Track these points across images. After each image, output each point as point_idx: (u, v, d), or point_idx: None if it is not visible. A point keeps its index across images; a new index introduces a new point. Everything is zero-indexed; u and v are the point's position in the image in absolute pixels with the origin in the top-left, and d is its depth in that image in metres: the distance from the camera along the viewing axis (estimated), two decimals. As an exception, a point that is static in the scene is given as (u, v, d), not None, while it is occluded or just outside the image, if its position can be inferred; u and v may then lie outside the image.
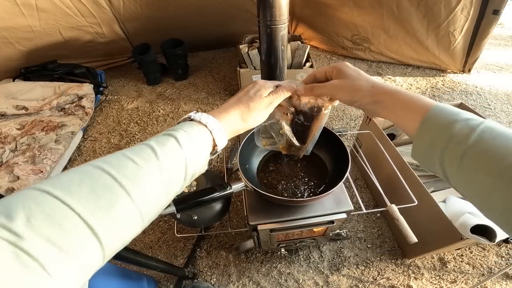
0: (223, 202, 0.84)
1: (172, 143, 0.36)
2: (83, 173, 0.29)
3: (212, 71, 2.50)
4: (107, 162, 0.31)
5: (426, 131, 0.35)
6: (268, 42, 0.90)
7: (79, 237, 0.25)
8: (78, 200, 0.26)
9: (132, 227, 0.30)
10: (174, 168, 0.35)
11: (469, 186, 0.32)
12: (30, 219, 0.23)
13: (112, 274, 0.87)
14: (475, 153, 0.30)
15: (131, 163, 0.31)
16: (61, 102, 1.90)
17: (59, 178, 0.28)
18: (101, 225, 0.26)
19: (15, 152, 1.56)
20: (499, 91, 2.15)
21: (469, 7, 1.90)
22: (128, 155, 0.32)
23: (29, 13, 1.86)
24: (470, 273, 1.16)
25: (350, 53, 2.53)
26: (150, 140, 0.36)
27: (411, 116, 0.37)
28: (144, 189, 0.31)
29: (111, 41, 2.30)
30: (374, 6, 2.15)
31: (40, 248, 0.22)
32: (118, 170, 0.30)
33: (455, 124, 0.32)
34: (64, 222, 0.24)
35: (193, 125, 0.40)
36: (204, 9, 2.33)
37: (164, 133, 0.38)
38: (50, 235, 0.23)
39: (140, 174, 0.31)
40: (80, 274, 0.25)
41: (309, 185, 0.82)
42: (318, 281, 1.16)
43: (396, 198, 0.88)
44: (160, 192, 0.33)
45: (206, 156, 0.41)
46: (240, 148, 0.81)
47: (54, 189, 0.26)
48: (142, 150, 0.34)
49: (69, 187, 0.27)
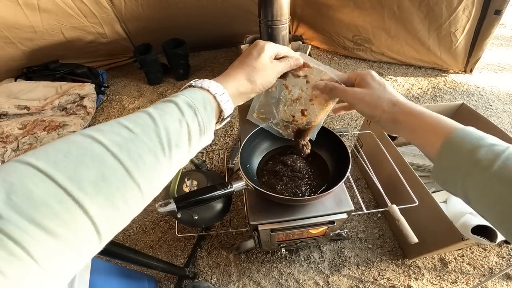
0: (223, 202, 0.84)
1: (171, 108, 0.33)
2: (71, 142, 0.25)
3: (213, 71, 2.50)
4: (99, 130, 0.27)
5: (449, 155, 0.34)
6: (269, 42, 0.90)
7: (69, 217, 0.21)
8: (65, 172, 0.22)
9: (130, 203, 0.26)
10: (175, 136, 0.31)
11: (492, 212, 0.31)
12: (11, 195, 0.19)
13: (113, 274, 0.88)
14: (500, 180, 0.29)
15: (125, 131, 0.28)
16: (62, 101, 1.91)
17: (44, 149, 0.24)
18: (92, 201, 0.23)
19: (17, 151, 1.57)
20: (501, 92, 2.14)
21: (470, 7, 1.89)
22: (122, 122, 0.29)
23: (31, 14, 1.88)
24: (471, 273, 1.16)
25: (352, 53, 2.53)
26: (148, 108, 0.33)
27: (433, 138, 0.36)
28: (141, 159, 0.27)
29: (113, 41, 2.31)
30: (375, 7, 2.14)
31: (24, 230, 0.19)
32: (110, 139, 0.26)
33: (479, 149, 0.31)
34: (50, 199, 0.21)
35: (194, 90, 0.37)
36: (205, 9, 2.34)
37: (163, 99, 0.35)
38: (34, 214, 0.20)
39: (136, 142, 0.28)
40: (73, 260, 0.22)
41: (310, 185, 0.82)
42: (319, 281, 1.16)
43: (397, 199, 0.88)
44: (160, 163, 0.30)
45: (210, 120, 0.38)
46: (241, 148, 0.81)
47: (38, 160, 0.22)
48: (138, 116, 0.31)
49: (55, 158, 0.23)
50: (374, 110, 0.44)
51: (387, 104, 0.43)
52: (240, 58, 0.47)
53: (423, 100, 2.08)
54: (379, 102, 0.43)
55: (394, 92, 0.44)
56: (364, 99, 0.45)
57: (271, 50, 0.47)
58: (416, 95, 2.13)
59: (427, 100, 2.08)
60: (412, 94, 2.14)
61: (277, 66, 0.48)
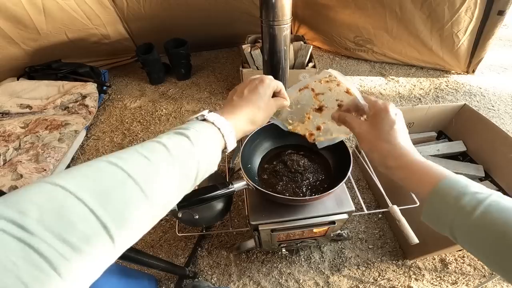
0: (224, 202, 0.84)
1: (184, 141, 0.36)
2: (97, 169, 0.28)
3: (214, 70, 2.50)
4: (121, 159, 0.30)
5: (437, 201, 0.37)
6: (270, 42, 0.91)
7: (92, 235, 0.24)
8: (92, 195, 0.25)
9: (143, 225, 0.30)
10: (186, 166, 0.34)
11: (478, 252, 0.34)
12: (43, 215, 0.22)
13: (113, 273, 0.88)
14: (482, 226, 0.32)
15: (144, 160, 0.31)
16: (65, 101, 1.92)
17: (72, 173, 0.27)
18: (114, 222, 0.25)
19: (18, 150, 1.58)
20: (503, 92, 2.14)
21: (473, 8, 1.89)
22: (141, 151, 0.32)
23: (36, 17, 1.89)
24: (471, 274, 1.16)
25: (353, 54, 2.52)
26: (161, 138, 0.35)
27: (422, 185, 0.39)
28: (158, 187, 0.31)
29: (115, 41, 2.32)
30: (377, 8, 2.14)
31: (51, 245, 0.21)
32: (132, 167, 0.29)
33: (464, 197, 0.34)
34: (77, 218, 0.23)
35: (204, 125, 0.40)
36: (207, 11, 2.35)
37: (175, 131, 0.37)
38: (61, 231, 0.22)
39: (154, 171, 0.31)
40: (91, 273, 0.24)
41: (310, 185, 0.82)
42: (319, 281, 1.16)
43: (397, 199, 0.87)
44: (172, 190, 0.33)
45: (217, 156, 0.40)
46: (242, 148, 0.81)
47: (68, 183, 0.25)
48: (154, 147, 0.33)
49: (83, 182, 0.26)
50: (370, 153, 0.47)
51: (382, 151, 0.45)
52: (247, 94, 0.47)
53: (425, 100, 2.08)
54: (377, 147, 0.45)
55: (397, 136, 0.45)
56: (365, 139, 0.47)
57: (273, 88, 0.50)
58: (418, 96, 2.12)
59: (429, 100, 2.08)
60: (414, 95, 2.13)
61: (273, 106, 0.50)
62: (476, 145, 1.45)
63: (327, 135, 0.60)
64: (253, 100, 0.46)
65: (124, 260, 0.79)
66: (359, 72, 2.40)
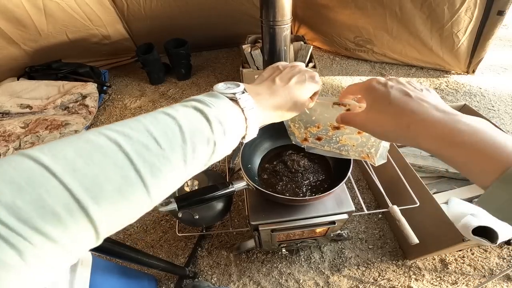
0: (224, 202, 0.84)
1: (203, 125, 0.30)
2: (95, 146, 0.23)
3: (215, 71, 2.51)
4: (125, 136, 0.25)
5: (504, 190, 0.28)
6: (270, 42, 0.91)
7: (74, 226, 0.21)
8: (83, 183, 0.21)
9: (137, 214, 0.26)
10: (198, 156, 0.29)
11: None
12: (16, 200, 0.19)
13: (113, 273, 0.88)
14: None
15: (153, 143, 0.26)
16: (65, 101, 1.92)
17: (63, 148, 0.22)
18: (102, 213, 0.22)
19: (19, 150, 1.58)
20: (503, 93, 2.13)
21: (473, 8, 1.89)
22: (151, 130, 0.26)
23: (37, 17, 1.89)
24: (472, 274, 1.16)
25: (353, 54, 2.52)
26: (178, 112, 0.29)
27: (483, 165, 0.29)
28: (161, 174, 0.26)
29: (115, 41, 2.33)
30: (376, 8, 2.14)
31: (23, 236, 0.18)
32: (136, 150, 0.24)
33: None
34: (60, 209, 0.20)
35: (231, 109, 0.33)
36: (208, 12, 2.36)
37: (194, 105, 0.31)
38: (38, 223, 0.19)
39: (161, 158, 0.26)
40: (65, 260, 0.21)
41: (310, 185, 0.82)
42: (319, 281, 1.16)
43: (398, 199, 0.88)
44: (179, 177, 0.29)
45: (233, 146, 0.35)
46: (242, 148, 0.81)
47: (56, 164, 0.21)
48: (168, 127, 0.27)
49: (74, 164, 0.21)
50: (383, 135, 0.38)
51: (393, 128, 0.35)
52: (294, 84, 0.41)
53: (425, 101, 2.07)
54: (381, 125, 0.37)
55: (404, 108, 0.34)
56: (368, 122, 0.38)
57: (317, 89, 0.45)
58: (417, 96, 2.12)
59: (428, 101, 2.07)
60: (414, 95, 2.13)
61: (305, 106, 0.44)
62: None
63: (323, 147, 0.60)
64: (297, 94, 0.40)
65: (124, 260, 0.79)
66: (359, 72, 2.41)
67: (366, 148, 0.56)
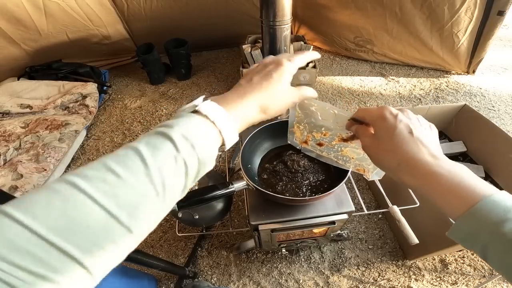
0: (224, 202, 0.84)
1: (165, 144, 0.29)
2: (53, 191, 0.24)
3: (215, 71, 2.51)
4: (84, 177, 0.25)
5: (473, 223, 0.33)
6: (270, 42, 0.91)
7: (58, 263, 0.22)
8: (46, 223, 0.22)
9: (121, 246, 0.27)
10: (169, 176, 0.29)
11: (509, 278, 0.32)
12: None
13: (113, 273, 0.87)
14: None
15: (112, 176, 0.26)
16: (65, 101, 1.92)
17: (24, 199, 0.23)
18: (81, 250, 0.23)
19: (19, 150, 1.58)
20: (504, 93, 2.13)
21: (473, 8, 1.89)
22: (110, 165, 0.26)
23: (37, 17, 1.90)
24: (471, 274, 1.16)
25: (353, 54, 2.52)
26: (140, 142, 0.29)
27: (451, 205, 0.34)
28: (130, 205, 0.26)
29: (116, 41, 2.33)
30: (376, 9, 2.14)
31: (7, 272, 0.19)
32: (95, 186, 0.25)
33: (505, 223, 0.31)
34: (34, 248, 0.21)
35: (195, 120, 0.33)
36: (208, 13, 2.36)
37: (157, 130, 0.31)
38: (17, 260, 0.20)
39: (124, 188, 0.26)
40: None
41: (310, 185, 0.82)
42: (319, 281, 1.16)
43: (398, 199, 0.88)
44: (153, 205, 0.28)
45: (212, 156, 0.34)
46: (242, 148, 0.81)
47: (16, 211, 0.22)
48: (127, 157, 0.28)
49: (34, 209, 0.22)
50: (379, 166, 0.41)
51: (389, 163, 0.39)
52: (258, 79, 0.39)
53: (425, 101, 2.07)
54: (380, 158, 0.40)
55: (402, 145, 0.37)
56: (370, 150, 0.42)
57: (292, 72, 0.42)
58: (418, 96, 2.12)
59: (429, 101, 2.08)
60: (414, 95, 2.13)
61: (294, 96, 0.43)
62: (476, 146, 1.45)
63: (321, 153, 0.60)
64: (264, 85, 0.39)
65: (124, 260, 0.79)
66: (359, 73, 2.41)
67: (365, 163, 0.56)
